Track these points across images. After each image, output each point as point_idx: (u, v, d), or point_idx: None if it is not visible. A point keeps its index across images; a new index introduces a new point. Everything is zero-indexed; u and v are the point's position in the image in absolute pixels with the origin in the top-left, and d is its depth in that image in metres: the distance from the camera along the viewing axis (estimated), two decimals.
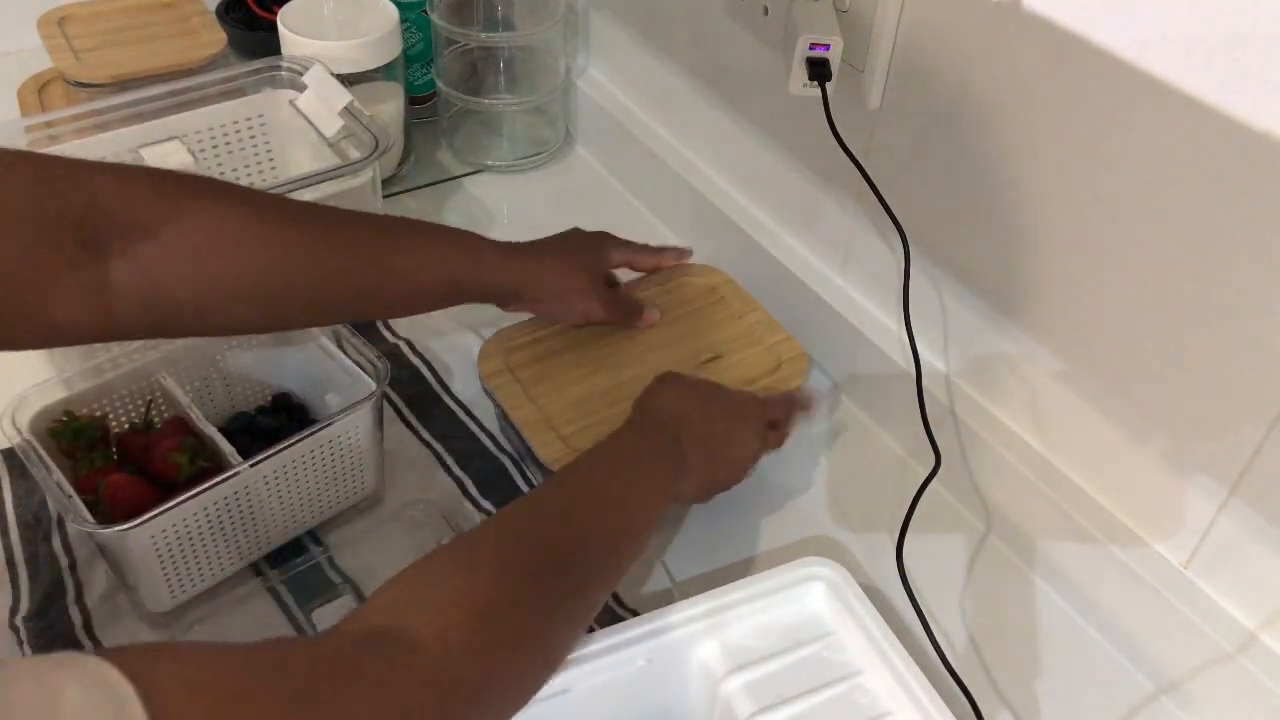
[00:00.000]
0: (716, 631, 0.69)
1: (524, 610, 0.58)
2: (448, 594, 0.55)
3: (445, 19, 1.14)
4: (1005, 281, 0.78)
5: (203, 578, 0.76)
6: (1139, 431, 0.72)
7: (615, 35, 1.14)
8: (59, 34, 1.07)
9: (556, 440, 0.82)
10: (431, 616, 0.53)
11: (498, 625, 0.56)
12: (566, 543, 0.63)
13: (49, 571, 0.77)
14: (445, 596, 0.55)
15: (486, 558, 0.59)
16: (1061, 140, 0.70)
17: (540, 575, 0.60)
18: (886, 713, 0.67)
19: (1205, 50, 0.60)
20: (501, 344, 0.88)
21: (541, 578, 0.60)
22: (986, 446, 0.82)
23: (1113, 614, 0.77)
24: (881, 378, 0.89)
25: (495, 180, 1.19)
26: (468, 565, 0.58)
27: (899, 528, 0.77)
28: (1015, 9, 0.68)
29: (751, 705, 0.67)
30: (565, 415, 0.84)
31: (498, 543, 0.61)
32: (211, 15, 1.14)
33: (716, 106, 1.02)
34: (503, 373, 0.86)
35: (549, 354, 0.88)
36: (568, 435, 0.82)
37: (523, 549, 0.60)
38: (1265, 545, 0.67)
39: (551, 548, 0.62)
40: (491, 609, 0.56)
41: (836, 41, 0.78)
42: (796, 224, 0.98)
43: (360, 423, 0.78)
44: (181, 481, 0.73)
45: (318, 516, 0.81)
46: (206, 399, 0.84)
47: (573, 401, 0.85)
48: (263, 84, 0.99)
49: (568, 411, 0.84)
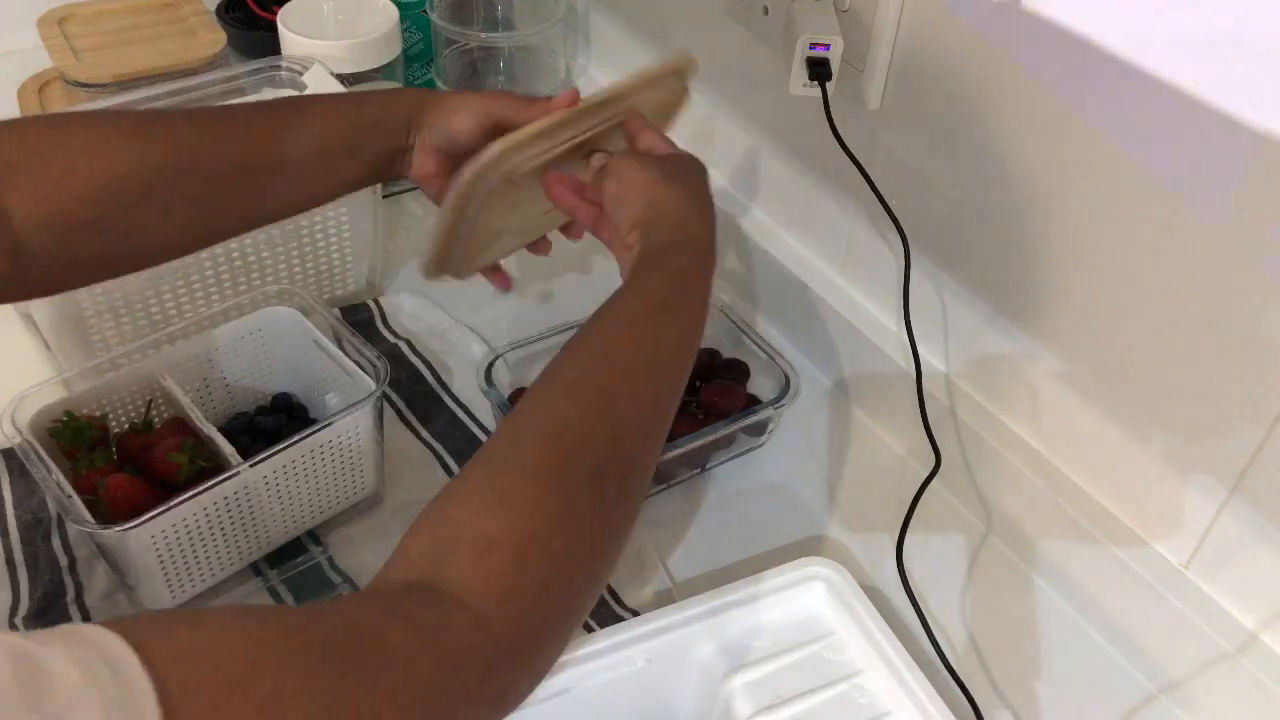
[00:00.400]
0: (716, 631, 0.69)
1: (565, 537, 0.53)
2: (481, 537, 0.51)
3: (445, 19, 1.14)
4: (1005, 282, 0.78)
5: (203, 578, 0.75)
6: (1139, 431, 0.72)
7: (615, 35, 1.14)
8: (59, 34, 1.07)
9: None
10: (467, 564, 0.50)
11: (538, 563, 0.51)
12: (602, 435, 0.56)
13: (49, 571, 0.77)
14: (479, 541, 0.51)
15: (517, 483, 0.53)
16: (1061, 139, 0.70)
17: (579, 488, 0.54)
18: (886, 713, 0.67)
19: (1205, 50, 0.60)
20: None
21: (581, 491, 0.54)
22: (986, 446, 0.82)
23: (1113, 614, 0.77)
24: (881, 378, 0.89)
25: None
26: (497, 499, 0.52)
27: (899, 528, 0.77)
28: (1015, 9, 0.68)
29: (751, 705, 0.67)
30: None
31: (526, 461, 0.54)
32: (211, 15, 1.14)
33: (716, 106, 1.02)
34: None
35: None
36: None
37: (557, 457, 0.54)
38: (1265, 545, 0.67)
39: (588, 448, 0.55)
40: (529, 546, 0.51)
41: (836, 41, 0.78)
42: (796, 224, 0.98)
43: (360, 423, 0.78)
44: (181, 481, 0.73)
45: (317, 516, 0.81)
46: (206, 399, 0.84)
47: None
48: (262, 84, 0.99)
49: None
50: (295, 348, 0.85)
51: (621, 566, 0.81)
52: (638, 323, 0.62)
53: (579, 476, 0.54)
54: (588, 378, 0.59)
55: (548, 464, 0.54)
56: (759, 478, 0.88)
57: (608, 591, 0.79)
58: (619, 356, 0.60)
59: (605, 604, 0.78)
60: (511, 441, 0.56)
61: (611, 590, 0.79)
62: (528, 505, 0.52)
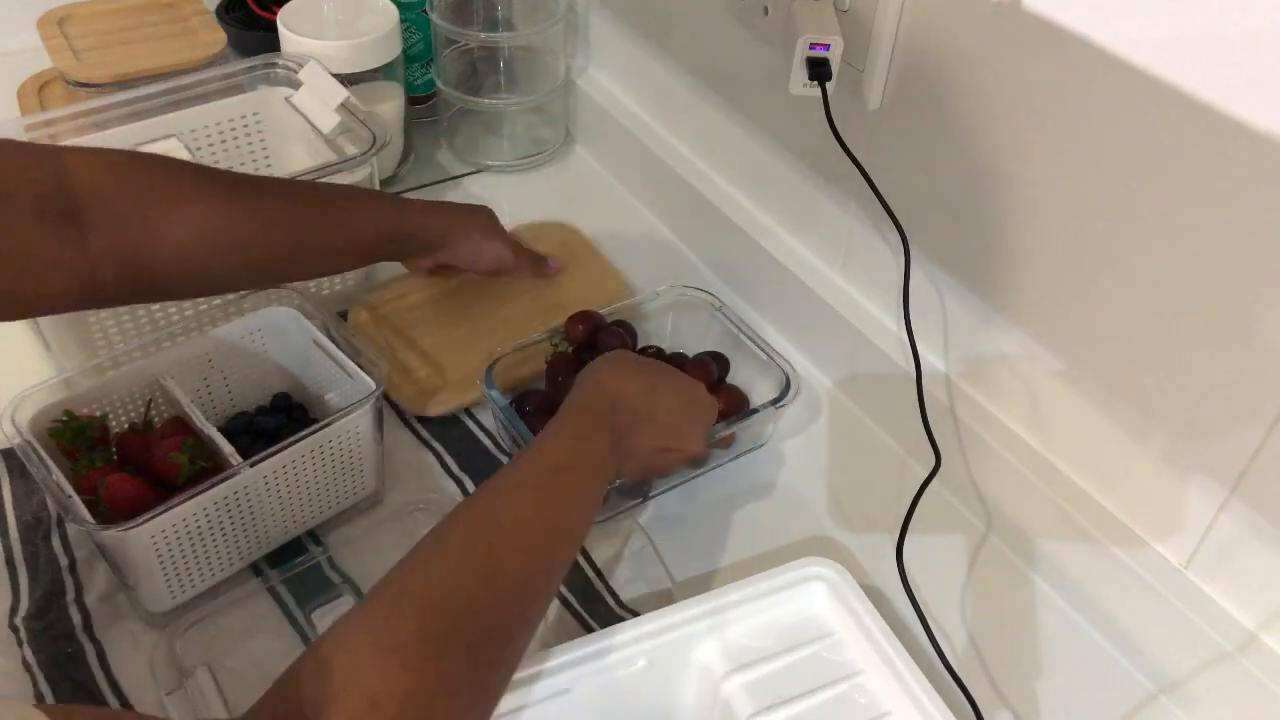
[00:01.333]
0: (716, 631, 0.69)
1: (444, 701, 0.55)
2: (366, 694, 0.52)
3: (445, 19, 1.14)
4: (1006, 281, 0.78)
5: (203, 578, 0.75)
6: (1139, 432, 0.72)
7: (615, 35, 1.14)
8: (59, 34, 1.07)
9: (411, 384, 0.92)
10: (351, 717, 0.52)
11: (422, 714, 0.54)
12: (490, 600, 0.59)
13: (49, 571, 0.77)
14: (364, 697, 0.52)
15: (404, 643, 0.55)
16: (1062, 140, 0.70)
17: (459, 655, 0.56)
18: (886, 713, 0.67)
19: (1205, 50, 0.60)
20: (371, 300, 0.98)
21: (461, 658, 0.56)
22: (986, 446, 0.82)
23: (1113, 614, 0.77)
24: (881, 378, 0.89)
25: (495, 180, 1.19)
26: (383, 659, 0.54)
27: (899, 528, 0.77)
28: (1015, 9, 0.68)
29: (751, 705, 0.67)
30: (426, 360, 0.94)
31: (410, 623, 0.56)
32: (211, 15, 1.14)
33: (716, 106, 1.02)
34: (369, 324, 0.96)
35: (414, 306, 0.98)
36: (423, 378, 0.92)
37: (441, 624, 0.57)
38: (1265, 545, 0.67)
39: (469, 617, 0.58)
40: (408, 709, 0.53)
41: (836, 41, 0.78)
42: (796, 224, 0.98)
43: (360, 423, 0.78)
44: (181, 481, 0.73)
45: (318, 516, 0.81)
46: (206, 399, 0.84)
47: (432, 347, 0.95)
48: (259, 81, 0.99)
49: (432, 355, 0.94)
50: (295, 348, 0.85)
51: (622, 566, 0.81)
52: (530, 485, 0.66)
53: (460, 644, 0.57)
54: (474, 541, 0.61)
55: (431, 630, 0.56)
56: (759, 478, 0.88)
57: (608, 591, 0.79)
58: (506, 521, 0.63)
59: (605, 604, 0.78)
60: (401, 598, 0.58)
61: (611, 590, 0.79)
62: (413, 668, 0.54)
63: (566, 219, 0.91)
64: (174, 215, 0.71)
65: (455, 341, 0.95)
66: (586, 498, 0.68)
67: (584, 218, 0.93)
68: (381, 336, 0.95)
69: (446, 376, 0.93)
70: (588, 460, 0.68)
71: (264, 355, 0.86)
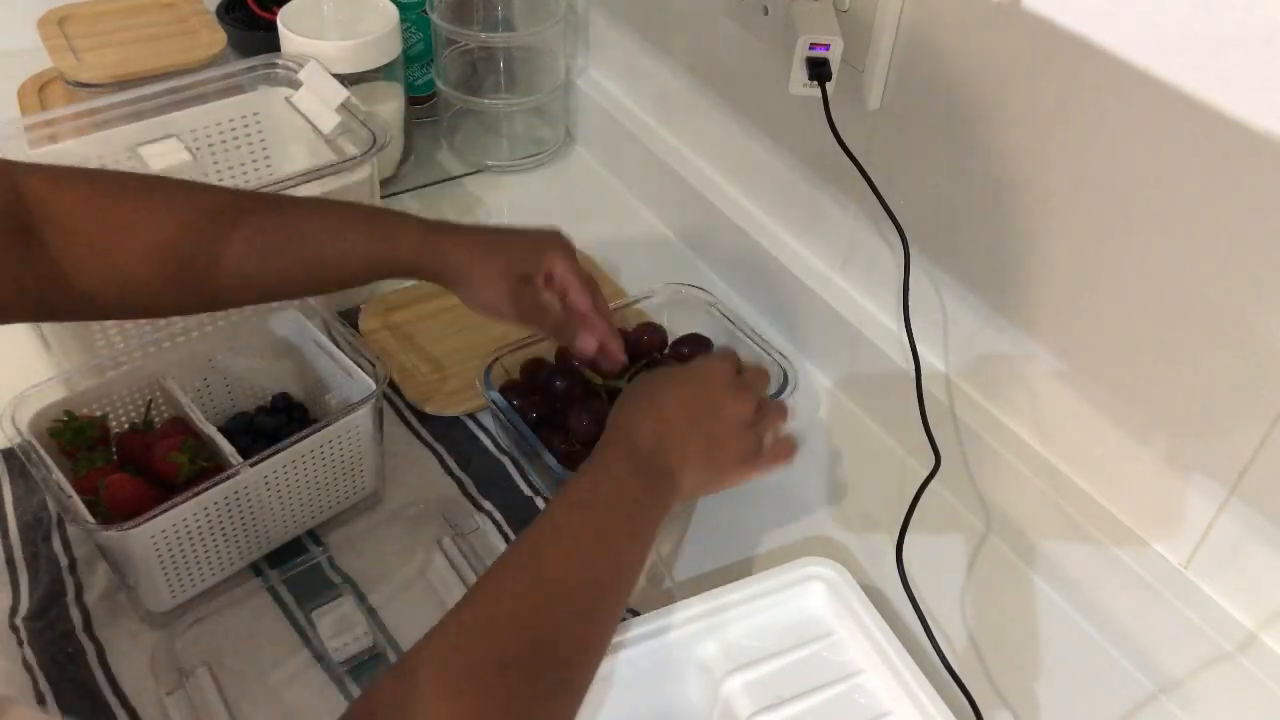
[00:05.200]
0: (716, 631, 0.70)
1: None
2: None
3: (445, 19, 1.14)
4: (1005, 281, 0.78)
5: (203, 578, 0.75)
6: (1139, 431, 0.72)
7: (615, 35, 1.14)
8: (59, 34, 1.07)
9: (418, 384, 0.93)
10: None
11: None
12: (548, 633, 0.60)
13: (49, 571, 0.77)
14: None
15: (470, 672, 0.56)
16: (1061, 140, 0.70)
17: (525, 686, 0.57)
18: (886, 713, 0.67)
19: (1205, 50, 0.60)
20: (381, 305, 1.00)
21: (526, 688, 0.57)
22: (986, 446, 0.82)
23: (1113, 614, 0.77)
24: (881, 378, 0.89)
25: (495, 180, 1.19)
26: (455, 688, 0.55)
27: (899, 528, 0.77)
28: (1015, 9, 0.68)
29: (751, 705, 0.67)
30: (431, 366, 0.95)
31: (479, 653, 0.57)
32: (211, 15, 1.14)
33: (716, 106, 1.02)
34: (379, 330, 0.98)
35: (425, 316, 0.99)
36: (433, 381, 0.93)
37: (500, 654, 0.57)
38: (1265, 545, 0.67)
39: (534, 643, 0.58)
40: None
41: (836, 41, 0.78)
42: (796, 224, 0.98)
43: (360, 423, 0.78)
44: (181, 481, 0.73)
45: (318, 516, 0.81)
46: (206, 399, 0.84)
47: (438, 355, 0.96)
48: (259, 81, 0.99)
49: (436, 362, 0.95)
50: (295, 348, 0.85)
51: None
52: (596, 509, 0.65)
53: (522, 675, 0.57)
54: (534, 567, 0.62)
55: (493, 660, 0.57)
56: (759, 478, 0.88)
57: None
58: (570, 542, 0.63)
59: None
60: (461, 626, 0.59)
61: None
62: (478, 698, 0.55)
63: (568, 221, 0.91)
64: (123, 239, 0.67)
65: (466, 348, 0.96)
66: (638, 532, 0.66)
67: (584, 218, 0.93)
68: (391, 342, 0.96)
69: (447, 376, 0.93)
70: (634, 499, 0.66)
71: (264, 355, 0.86)
